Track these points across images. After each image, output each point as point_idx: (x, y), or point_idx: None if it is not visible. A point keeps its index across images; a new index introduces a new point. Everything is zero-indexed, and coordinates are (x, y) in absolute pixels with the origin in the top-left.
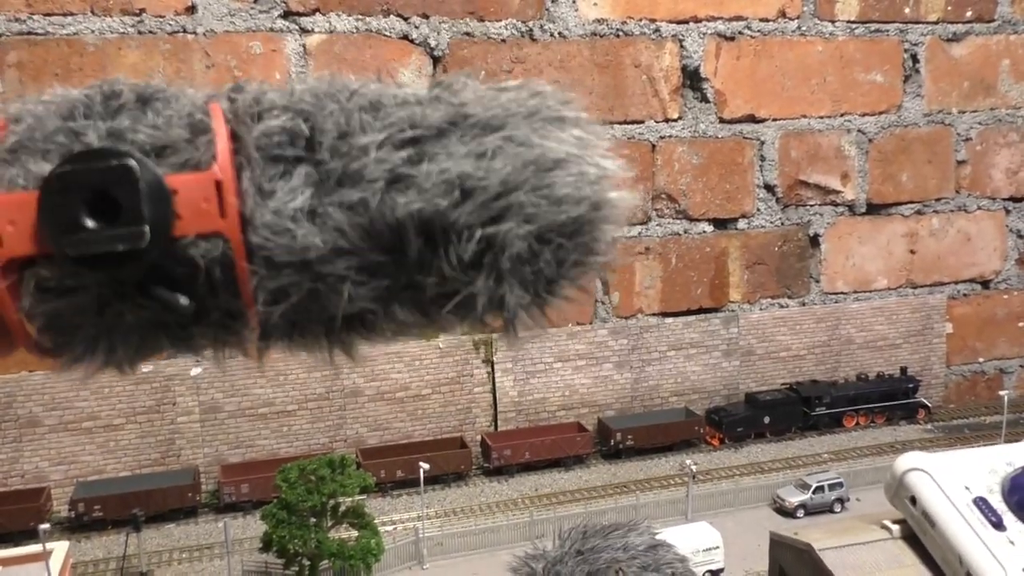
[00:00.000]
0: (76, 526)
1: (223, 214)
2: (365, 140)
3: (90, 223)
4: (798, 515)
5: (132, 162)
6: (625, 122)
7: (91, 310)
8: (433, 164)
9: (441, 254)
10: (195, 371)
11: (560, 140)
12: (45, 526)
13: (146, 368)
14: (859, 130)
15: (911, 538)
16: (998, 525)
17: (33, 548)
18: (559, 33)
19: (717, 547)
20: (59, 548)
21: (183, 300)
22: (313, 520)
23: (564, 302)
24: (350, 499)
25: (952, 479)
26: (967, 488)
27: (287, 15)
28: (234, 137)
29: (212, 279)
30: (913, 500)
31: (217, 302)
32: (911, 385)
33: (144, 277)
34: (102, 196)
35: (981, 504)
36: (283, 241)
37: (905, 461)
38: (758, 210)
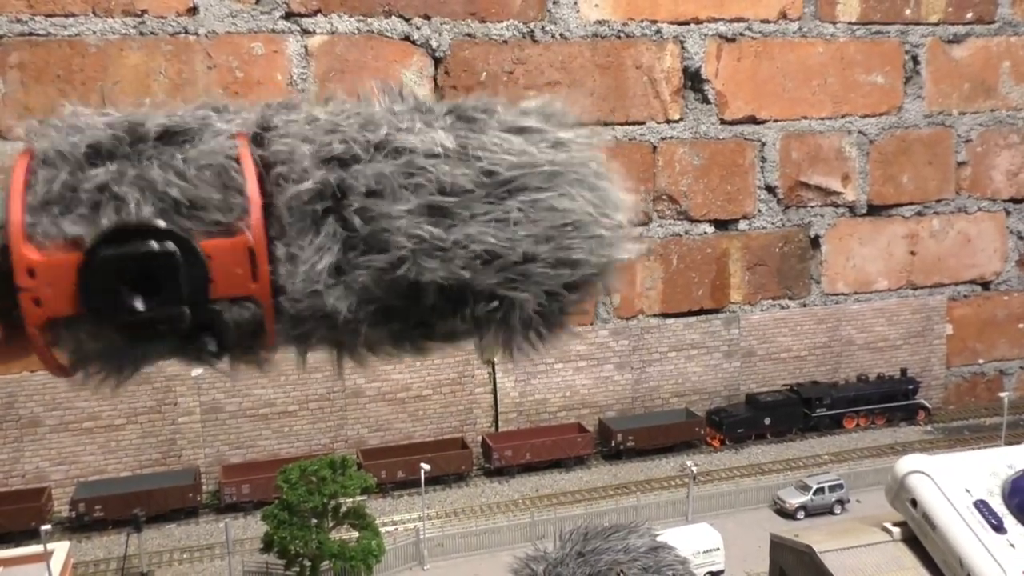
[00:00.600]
0: (77, 526)
1: (255, 278)
2: (395, 209)
3: (134, 302)
4: (798, 516)
5: (173, 247)
6: (626, 123)
7: (123, 350)
8: (458, 231)
9: (457, 311)
10: (196, 372)
11: (579, 200)
12: (46, 527)
13: (147, 369)
14: (860, 131)
15: (912, 540)
16: (999, 528)
17: (34, 548)
18: (560, 34)
19: (717, 548)
20: (60, 548)
21: (211, 345)
22: (314, 521)
23: (559, 338)
24: (351, 500)
25: (953, 482)
26: (968, 491)
27: (289, 16)
28: (264, 191)
29: (241, 332)
30: (914, 502)
31: (241, 342)
32: (911, 386)
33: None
34: (144, 273)
35: (982, 507)
36: (313, 304)
37: (906, 463)
38: (759, 211)
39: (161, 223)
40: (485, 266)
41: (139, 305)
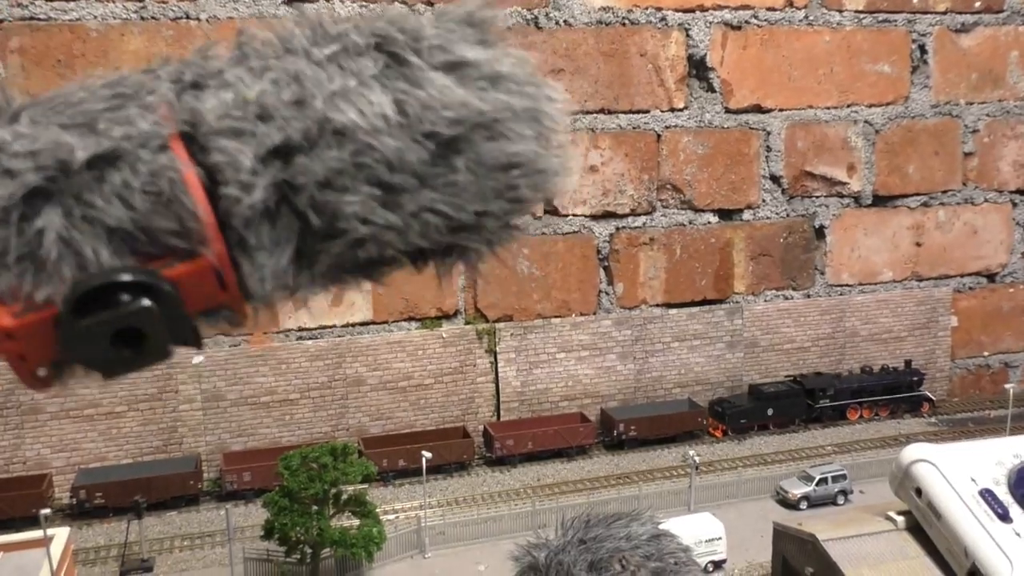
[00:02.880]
0: (77, 513)
1: (224, 287)
2: (346, 198)
3: (125, 355)
4: (801, 507)
5: (147, 302)
6: (630, 111)
7: (106, 363)
8: (411, 204)
9: (415, 262)
10: (197, 359)
11: (523, 140)
12: (46, 511)
13: None
14: (866, 121)
15: (916, 529)
16: (1004, 517)
17: (34, 534)
18: (565, 21)
19: (720, 538)
20: (60, 534)
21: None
22: (315, 508)
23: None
24: (352, 487)
25: (958, 471)
26: (973, 480)
27: (290, 1)
28: (215, 207)
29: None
30: (919, 491)
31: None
32: (915, 378)
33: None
34: (123, 329)
35: (987, 496)
36: (280, 295)
37: (911, 452)
38: (763, 201)
39: (126, 276)
40: (439, 231)
41: (128, 355)
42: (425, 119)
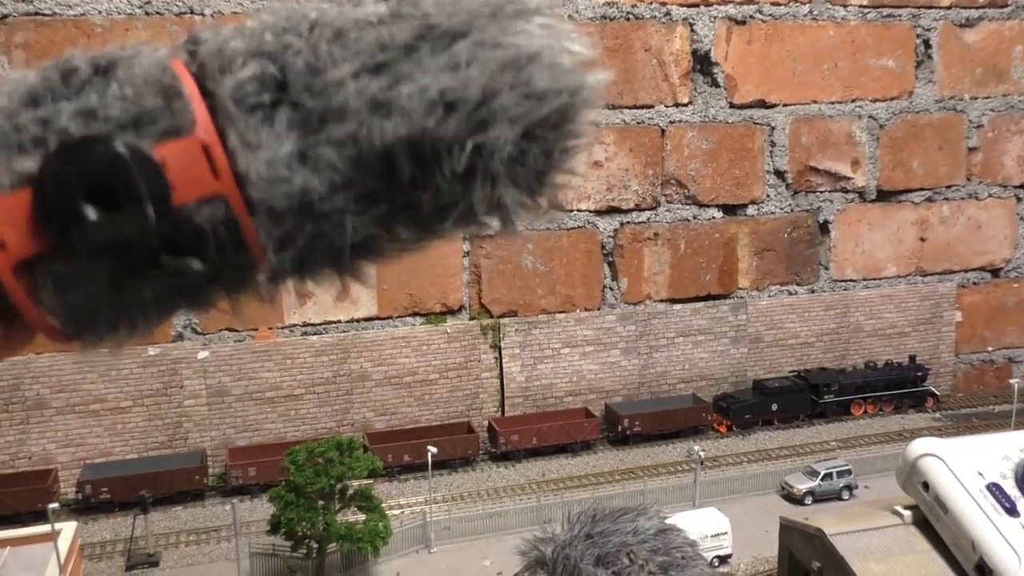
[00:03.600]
0: (83, 508)
1: (216, 175)
2: (339, 74)
3: (93, 215)
4: (806, 502)
5: (120, 147)
6: (635, 107)
7: (108, 293)
8: (411, 84)
9: (434, 171)
10: (202, 354)
11: (529, 34)
12: (54, 505)
13: (153, 351)
14: (870, 116)
15: (923, 524)
16: (1012, 511)
17: (41, 529)
18: (568, 15)
19: (725, 533)
20: (67, 528)
21: (195, 265)
22: (321, 503)
23: (556, 190)
24: (358, 482)
25: (965, 465)
26: (980, 474)
27: None
28: (206, 93)
29: (219, 239)
30: (926, 485)
31: (227, 259)
32: (920, 373)
33: (153, 251)
34: (97, 185)
35: (994, 490)
36: (282, 190)
37: (918, 446)
38: (768, 196)
39: (106, 133)
40: (447, 113)
41: (93, 215)
42: (419, 13)
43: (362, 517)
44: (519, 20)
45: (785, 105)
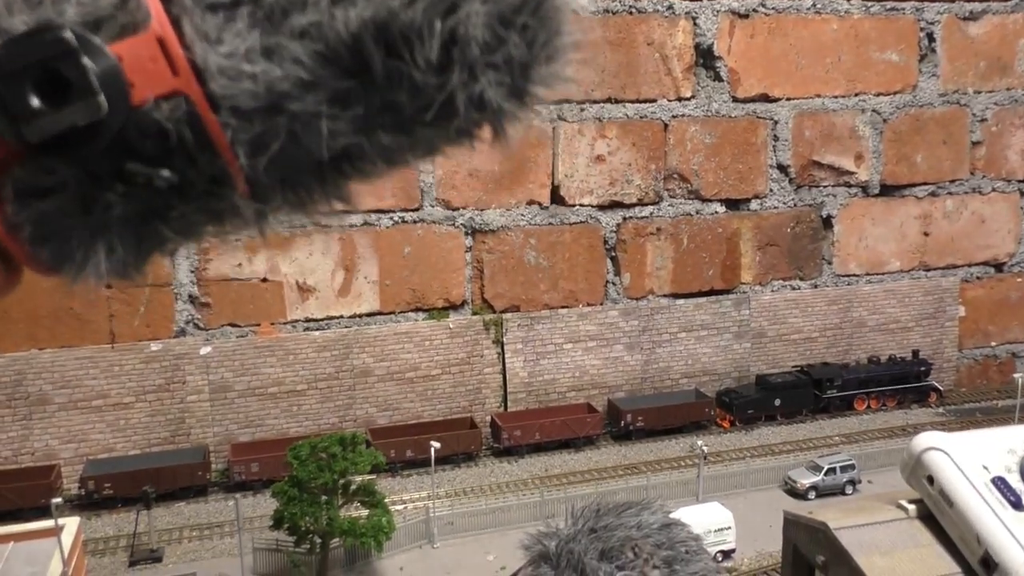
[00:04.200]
0: (86, 503)
1: (175, 71)
2: None
3: (42, 105)
4: (809, 496)
5: (67, 34)
6: (637, 100)
7: (77, 209)
8: None
9: (408, 61)
10: (205, 350)
11: None
12: (57, 500)
13: (155, 347)
14: (874, 110)
15: (928, 518)
16: (1017, 505)
17: (45, 524)
18: (570, 9)
19: (729, 527)
20: (71, 523)
21: (164, 172)
22: (324, 498)
23: (544, 91)
24: (361, 477)
25: (970, 458)
26: (985, 468)
27: None
28: None
29: (185, 143)
30: (930, 479)
31: (198, 169)
32: (923, 368)
33: (117, 158)
34: (47, 77)
35: (1000, 484)
36: (245, 85)
37: (923, 440)
38: (771, 191)
39: (57, 25)
40: None
41: (37, 103)
42: None
43: (365, 512)
44: None
45: (788, 99)
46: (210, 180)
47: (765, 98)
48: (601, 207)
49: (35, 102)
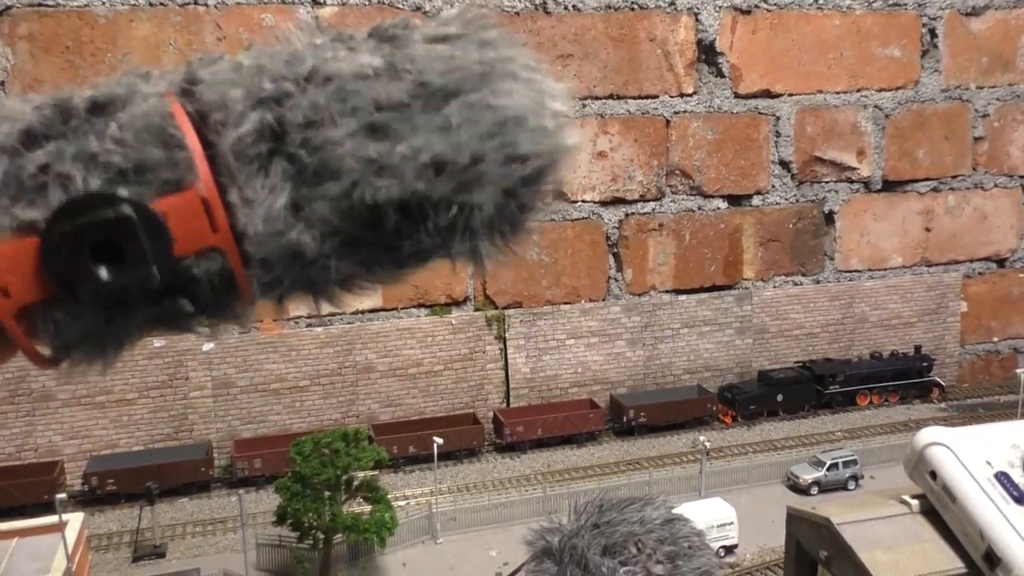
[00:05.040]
0: (90, 499)
1: (215, 228)
2: (336, 133)
3: (104, 275)
4: (812, 492)
5: (128, 210)
6: (639, 97)
7: (99, 325)
8: (404, 145)
9: (419, 226)
10: (207, 346)
11: (516, 94)
12: (61, 496)
13: (158, 343)
14: (876, 106)
15: (931, 513)
16: (1020, 500)
17: (49, 519)
18: (573, 6)
19: (732, 523)
20: (75, 519)
21: (188, 307)
22: (328, 493)
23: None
24: (363, 473)
25: (973, 453)
26: (988, 463)
27: None
28: (206, 143)
29: (214, 285)
30: (933, 474)
31: (217, 299)
32: (925, 364)
33: (152, 294)
34: (105, 243)
35: (1003, 479)
36: (277, 243)
37: (926, 435)
38: (773, 187)
39: (112, 191)
40: (437, 175)
41: (104, 274)
42: (414, 69)
43: (368, 508)
44: (508, 80)
45: (790, 95)
46: (223, 305)
47: (767, 94)
48: (603, 203)
49: (95, 271)
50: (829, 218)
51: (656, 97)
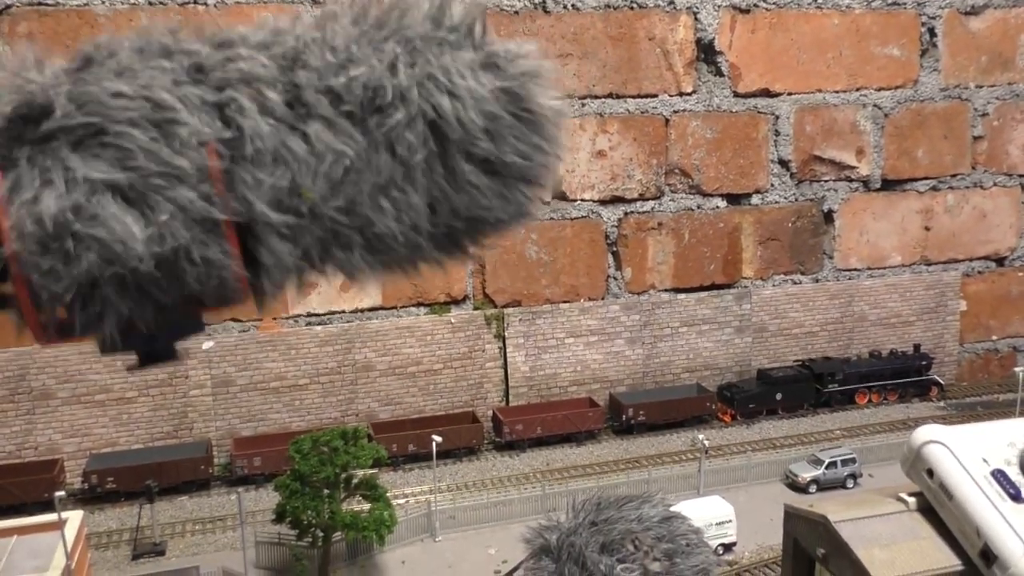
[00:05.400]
0: (89, 497)
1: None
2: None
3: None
4: (810, 490)
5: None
6: (638, 96)
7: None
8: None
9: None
10: (207, 345)
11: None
12: (60, 493)
13: None
14: (875, 105)
15: (927, 510)
16: (1016, 497)
17: (48, 517)
18: (572, 5)
19: (730, 521)
20: (74, 517)
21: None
22: (327, 491)
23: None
24: (363, 471)
25: (970, 451)
26: (985, 460)
27: None
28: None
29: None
30: (930, 472)
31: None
32: (924, 362)
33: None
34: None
35: (999, 476)
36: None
37: (923, 433)
38: (772, 185)
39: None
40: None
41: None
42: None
43: (367, 506)
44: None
45: (789, 94)
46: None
47: (766, 93)
48: (602, 202)
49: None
50: (828, 217)
51: (655, 96)
